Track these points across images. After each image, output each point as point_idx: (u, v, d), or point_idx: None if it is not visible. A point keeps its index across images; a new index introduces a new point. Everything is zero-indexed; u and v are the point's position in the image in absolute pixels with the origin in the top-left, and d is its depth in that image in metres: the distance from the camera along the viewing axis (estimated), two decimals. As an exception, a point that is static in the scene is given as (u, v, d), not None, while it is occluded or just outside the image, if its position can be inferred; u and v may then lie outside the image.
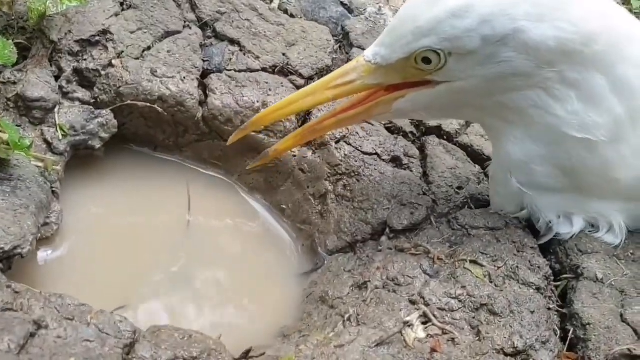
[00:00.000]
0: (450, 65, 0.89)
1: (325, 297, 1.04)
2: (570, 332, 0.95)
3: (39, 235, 0.91)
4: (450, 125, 1.25)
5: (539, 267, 1.01)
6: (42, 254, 1.02)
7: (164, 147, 1.22)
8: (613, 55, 0.89)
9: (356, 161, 1.16)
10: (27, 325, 0.76)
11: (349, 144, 1.18)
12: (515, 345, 0.91)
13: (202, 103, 1.18)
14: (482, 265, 1.01)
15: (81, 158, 1.14)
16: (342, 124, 1.06)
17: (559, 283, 1.03)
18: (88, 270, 1.03)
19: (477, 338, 0.92)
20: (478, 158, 1.22)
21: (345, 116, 1.01)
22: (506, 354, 0.90)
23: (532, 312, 0.95)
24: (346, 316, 0.96)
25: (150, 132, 1.19)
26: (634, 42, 0.91)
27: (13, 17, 1.15)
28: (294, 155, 1.20)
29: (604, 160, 0.94)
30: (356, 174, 1.15)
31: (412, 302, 0.96)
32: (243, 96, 1.19)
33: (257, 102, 1.19)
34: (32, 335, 0.76)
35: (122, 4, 1.22)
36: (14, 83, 1.09)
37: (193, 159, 1.24)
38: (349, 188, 1.15)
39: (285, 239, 1.18)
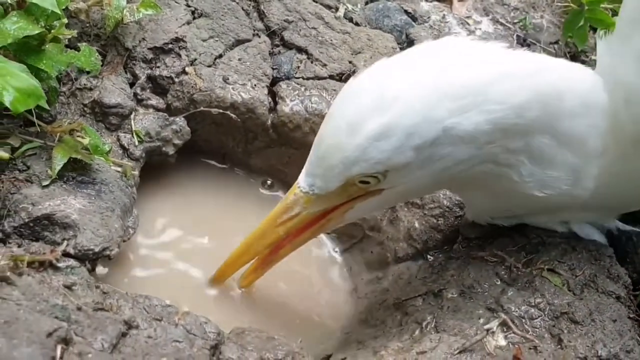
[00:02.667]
0: (389, 178, 0.86)
1: (399, 304, 1.04)
2: (654, 342, 0.93)
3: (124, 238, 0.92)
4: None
5: (618, 276, 1.00)
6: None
7: (232, 154, 1.23)
8: (549, 116, 0.85)
9: (426, 168, 1.16)
10: (118, 325, 0.77)
11: (419, 151, 1.18)
12: (599, 354, 0.90)
13: (271, 110, 1.19)
14: (559, 274, 1.00)
15: (151, 164, 1.15)
16: (298, 246, 1.00)
17: (637, 293, 1.01)
18: (149, 279, 1.04)
19: (559, 346, 0.91)
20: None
21: (301, 239, 0.98)
22: (590, 363, 0.89)
23: (614, 321, 0.94)
24: (423, 323, 0.96)
25: (221, 139, 1.21)
26: (565, 97, 0.86)
27: (88, 25, 1.17)
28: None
29: (569, 196, 0.94)
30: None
31: (491, 310, 0.95)
32: (311, 103, 1.19)
33: (325, 108, 1.19)
34: (124, 335, 0.77)
35: (193, 12, 1.24)
36: (90, 89, 1.11)
37: (259, 171, 1.25)
38: (419, 195, 1.14)
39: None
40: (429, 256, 1.10)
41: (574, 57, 1.49)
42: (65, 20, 0.97)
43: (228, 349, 0.81)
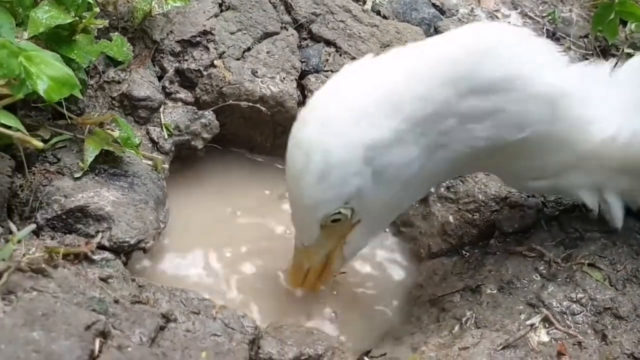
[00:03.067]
0: (357, 207, 0.86)
1: (435, 300, 1.01)
2: (701, 337, 0.90)
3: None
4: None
5: (660, 271, 0.97)
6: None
7: (261, 147, 1.21)
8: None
9: (459, 162, 1.13)
10: (156, 319, 0.75)
11: (451, 145, 1.15)
12: (646, 350, 0.87)
13: (300, 103, 1.17)
14: (600, 269, 0.97)
15: (180, 157, 1.13)
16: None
17: (681, 288, 0.98)
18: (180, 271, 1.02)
19: (604, 342, 0.89)
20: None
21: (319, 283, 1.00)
22: (637, 359, 0.86)
23: (660, 317, 0.91)
24: (463, 319, 0.94)
25: (250, 133, 1.19)
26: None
27: (115, 17, 1.15)
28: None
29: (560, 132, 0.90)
30: (460, 175, 1.12)
31: (531, 306, 0.93)
32: (341, 97, 1.17)
33: (355, 102, 1.17)
34: (162, 328, 0.75)
35: (221, 5, 1.22)
36: (119, 82, 1.09)
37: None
38: (452, 189, 1.12)
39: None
40: (464, 252, 1.08)
41: (604, 51, 1.46)
42: (97, 10, 0.95)
43: (267, 344, 0.79)
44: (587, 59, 1.45)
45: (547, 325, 0.91)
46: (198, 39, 1.16)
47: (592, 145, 0.90)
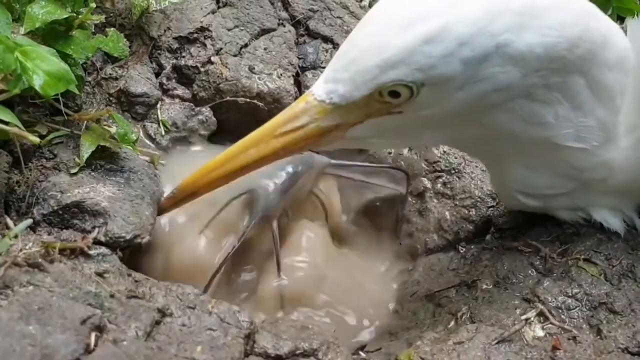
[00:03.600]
0: (422, 95, 0.77)
1: (431, 295, 1.02)
2: (695, 332, 0.90)
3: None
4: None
5: (656, 266, 0.98)
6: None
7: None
8: (591, 59, 0.81)
9: (456, 158, 1.14)
10: (152, 313, 0.75)
11: (448, 141, 1.16)
12: (640, 344, 0.87)
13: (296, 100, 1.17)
14: (596, 264, 0.97)
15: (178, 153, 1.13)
16: (283, 156, 0.88)
17: (676, 283, 0.98)
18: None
19: (598, 337, 0.89)
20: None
21: (290, 150, 0.85)
22: (632, 353, 0.87)
23: (655, 311, 0.91)
24: (458, 314, 0.94)
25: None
26: (608, 47, 0.83)
27: (112, 14, 1.15)
28: (390, 153, 1.18)
29: (599, 162, 0.89)
30: (456, 171, 1.13)
31: (527, 301, 0.93)
32: (338, 93, 1.17)
33: (352, 99, 1.17)
34: (158, 322, 0.75)
35: (218, 2, 1.22)
36: (116, 79, 1.09)
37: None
38: (449, 185, 1.12)
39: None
40: (460, 247, 1.08)
41: (602, 48, 1.46)
42: (94, 5, 0.95)
43: (262, 338, 0.79)
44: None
45: (542, 320, 0.91)
46: (195, 35, 1.17)
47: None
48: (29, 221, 0.80)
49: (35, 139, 0.80)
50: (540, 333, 0.90)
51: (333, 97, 0.78)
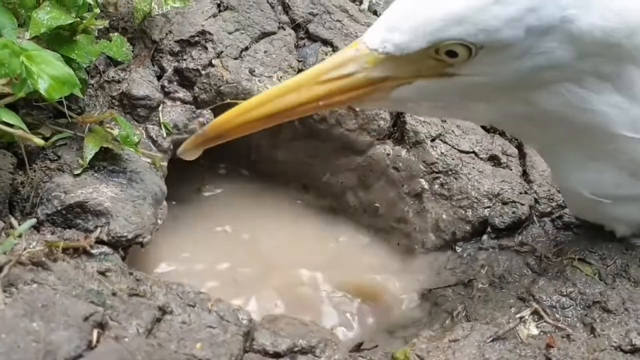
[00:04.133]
0: (479, 58, 0.75)
1: (428, 294, 1.03)
2: (688, 330, 0.92)
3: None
4: (547, 124, 1.24)
5: (650, 266, 0.99)
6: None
7: (258, 147, 1.23)
8: None
9: (453, 159, 1.15)
10: (153, 311, 0.77)
11: (445, 142, 1.17)
12: (633, 343, 0.88)
13: (297, 102, 1.19)
14: (590, 264, 0.99)
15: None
16: (323, 109, 0.86)
17: (670, 282, 1.00)
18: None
19: (592, 335, 0.90)
20: (576, 157, 1.19)
21: (332, 101, 0.80)
22: (624, 351, 0.88)
23: (648, 310, 0.93)
24: (454, 313, 0.96)
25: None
26: None
27: (115, 18, 1.17)
28: (388, 154, 1.20)
29: None
30: (454, 172, 1.14)
31: (522, 300, 0.95)
32: (337, 95, 1.19)
33: (351, 101, 1.19)
34: (158, 320, 0.77)
35: (219, 5, 1.24)
36: (118, 82, 1.11)
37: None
38: (446, 186, 1.14)
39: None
40: (457, 247, 1.10)
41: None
42: (98, 11, 0.97)
43: (261, 335, 0.81)
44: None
45: (537, 319, 0.92)
46: (197, 38, 1.18)
47: None
48: (33, 221, 0.82)
49: (39, 141, 0.81)
50: (535, 331, 0.91)
51: (387, 46, 0.75)
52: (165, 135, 1.10)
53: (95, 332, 0.70)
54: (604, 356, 0.86)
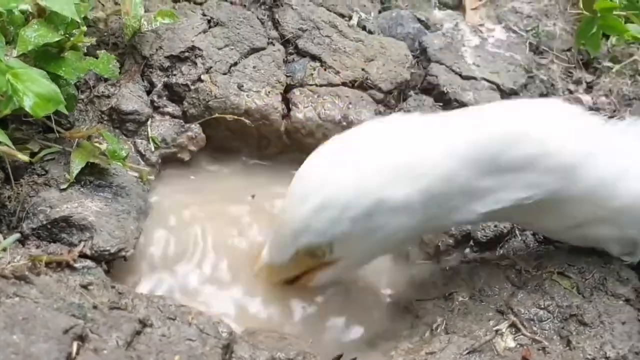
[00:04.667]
0: (337, 249, 0.93)
1: (410, 307, 1.05)
2: (663, 344, 0.93)
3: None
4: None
5: (627, 279, 1.00)
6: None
7: (248, 158, 1.25)
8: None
9: (437, 174, 1.17)
10: (133, 324, 0.79)
11: (430, 157, 1.19)
12: (607, 355, 0.90)
13: (285, 116, 1.21)
14: (569, 277, 1.01)
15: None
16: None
17: (648, 296, 1.01)
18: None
19: (568, 347, 0.92)
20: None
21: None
22: (599, 364, 0.90)
23: (623, 323, 0.94)
24: (434, 325, 0.97)
25: (235, 145, 1.23)
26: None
27: (106, 33, 1.20)
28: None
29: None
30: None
31: (500, 312, 0.97)
32: (324, 109, 1.21)
33: (338, 115, 1.21)
34: (138, 333, 0.79)
35: (209, 21, 1.26)
36: (108, 97, 1.14)
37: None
38: (430, 200, 1.15)
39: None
40: (440, 260, 1.11)
41: (587, 64, 1.49)
42: (85, 28, 1.00)
43: (240, 348, 0.83)
44: (570, 72, 1.48)
45: (514, 332, 0.94)
46: (186, 54, 1.21)
47: (620, 201, 0.94)
48: (17, 235, 0.84)
49: (24, 157, 0.84)
50: (512, 344, 0.93)
51: (272, 259, 0.98)
52: (153, 149, 1.12)
53: (75, 345, 0.72)
54: (578, 369, 0.88)
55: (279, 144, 1.23)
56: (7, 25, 0.96)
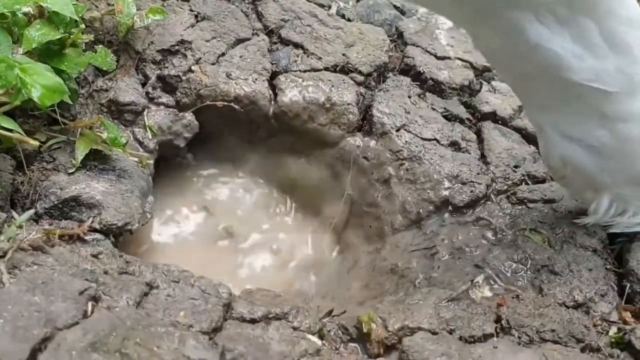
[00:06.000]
0: None
1: (395, 268, 1.13)
2: (627, 287, 1.02)
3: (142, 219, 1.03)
4: (505, 110, 1.34)
5: (594, 232, 1.09)
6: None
7: (239, 143, 1.34)
8: (604, 7, 0.86)
9: (417, 147, 1.26)
10: (141, 286, 0.87)
11: (409, 132, 1.28)
12: (576, 299, 0.99)
13: (272, 101, 1.30)
14: (541, 233, 1.09)
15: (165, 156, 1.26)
16: None
17: (614, 247, 1.10)
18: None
19: (540, 294, 1.01)
20: (532, 139, 1.29)
21: None
22: (567, 307, 0.98)
23: (590, 270, 1.03)
24: (416, 281, 1.06)
25: (227, 131, 1.31)
26: (623, 3, 0.88)
27: (101, 32, 1.28)
28: (358, 146, 1.30)
29: (628, 112, 0.92)
30: (417, 158, 1.24)
31: (478, 267, 1.05)
32: (308, 93, 1.30)
33: (322, 97, 1.30)
34: (146, 294, 0.87)
35: (197, 16, 1.35)
36: (106, 90, 1.22)
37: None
38: (411, 171, 1.24)
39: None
40: (422, 225, 1.20)
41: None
42: (83, 26, 1.08)
43: (239, 305, 0.91)
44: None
45: (491, 283, 1.03)
46: (177, 47, 1.29)
47: None
48: (32, 211, 0.92)
49: (35, 143, 0.92)
50: (489, 294, 1.01)
51: None
52: (150, 137, 1.20)
53: (89, 304, 0.80)
54: (549, 311, 0.96)
55: (268, 128, 1.31)
56: (12, 26, 1.04)
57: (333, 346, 0.91)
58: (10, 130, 0.93)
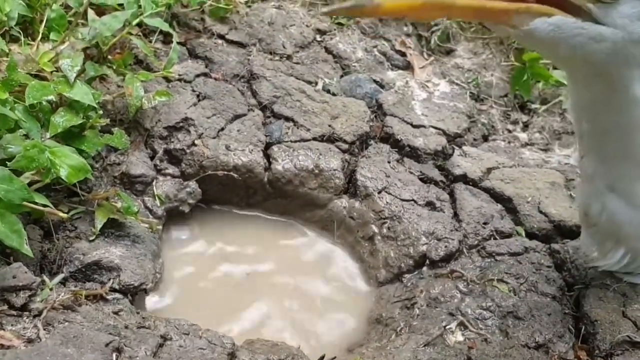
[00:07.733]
0: (620, 6, 0.85)
1: (380, 318, 1.27)
2: (583, 329, 1.16)
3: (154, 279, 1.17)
4: (474, 172, 1.49)
5: (554, 281, 1.24)
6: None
7: (238, 207, 1.48)
8: None
9: (397, 207, 1.40)
10: (156, 338, 1.01)
11: (389, 193, 1.43)
12: (537, 340, 1.13)
13: (266, 169, 1.45)
14: (507, 283, 1.24)
15: (173, 219, 1.41)
16: (476, 15, 0.91)
17: (572, 293, 1.24)
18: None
19: (506, 337, 1.14)
20: (500, 198, 1.44)
21: (486, 6, 0.87)
22: (529, 347, 1.12)
23: (549, 315, 1.17)
24: (398, 329, 1.19)
25: (227, 196, 1.46)
26: None
27: (113, 112, 1.44)
28: (344, 207, 1.45)
29: None
30: (397, 217, 1.39)
31: (451, 315, 1.19)
32: (299, 161, 1.45)
33: (311, 165, 1.45)
34: (161, 345, 1.01)
35: (198, 96, 1.51)
36: (119, 164, 1.37)
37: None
38: (392, 229, 1.38)
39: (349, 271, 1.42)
40: (403, 278, 1.33)
41: (522, 107, 1.75)
42: (101, 112, 1.24)
43: (242, 353, 1.04)
44: (508, 114, 1.74)
45: (462, 329, 1.16)
46: (181, 124, 1.45)
47: None
48: (62, 275, 1.06)
49: (64, 215, 1.07)
50: (461, 338, 1.15)
51: None
52: (159, 204, 1.35)
53: (114, 355, 0.94)
54: (513, 352, 1.10)
55: (264, 192, 1.46)
56: (39, 112, 1.20)
57: (324, 387, 1.04)
58: (44, 205, 1.08)
